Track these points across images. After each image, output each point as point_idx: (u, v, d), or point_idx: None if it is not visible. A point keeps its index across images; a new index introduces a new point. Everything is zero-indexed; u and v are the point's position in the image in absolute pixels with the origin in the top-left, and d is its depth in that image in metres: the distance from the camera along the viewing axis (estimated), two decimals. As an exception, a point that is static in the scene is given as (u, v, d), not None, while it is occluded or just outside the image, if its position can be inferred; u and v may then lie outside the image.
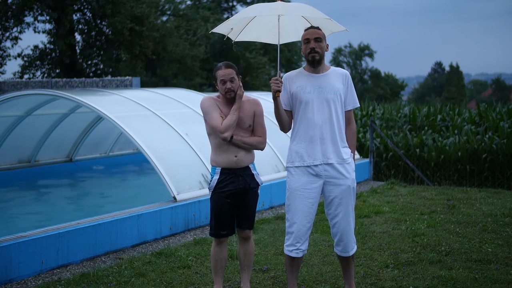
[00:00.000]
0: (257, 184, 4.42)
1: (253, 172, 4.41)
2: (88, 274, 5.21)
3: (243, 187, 4.32)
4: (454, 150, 11.32)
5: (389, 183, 10.16)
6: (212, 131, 4.27)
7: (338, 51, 61.43)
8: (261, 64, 37.44)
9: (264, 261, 5.55)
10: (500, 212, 7.49)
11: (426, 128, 13.23)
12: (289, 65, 45.58)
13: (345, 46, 61.49)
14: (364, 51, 60.21)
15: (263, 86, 37.08)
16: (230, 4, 46.08)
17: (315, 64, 4.16)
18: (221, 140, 4.23)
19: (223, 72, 4.25)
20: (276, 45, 4.36)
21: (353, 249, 4.30)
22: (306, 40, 4.15)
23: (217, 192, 4.32)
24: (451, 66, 63.44)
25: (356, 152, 11.09)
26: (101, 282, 5.02)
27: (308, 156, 4.13)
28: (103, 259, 5.85)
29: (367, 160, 11.03)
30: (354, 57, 60.28)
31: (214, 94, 4.52)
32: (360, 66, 60.38)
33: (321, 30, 4.20)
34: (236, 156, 4.27)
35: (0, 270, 5.07)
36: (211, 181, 4.34)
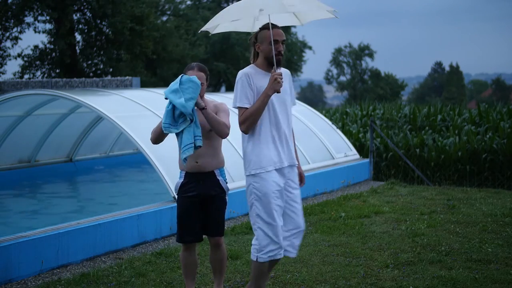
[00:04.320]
0: (222, 191, 4.30)
1: (219, 178, 4.29)
2: (88, 274, 5.21)
3: (204, 192, 4.21)
4: (454, 150, 11.33)
5: (389, 183, 10.16)
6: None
7: (338, 51, 61.42)
8: (261, 64, 37.44)
9: (264, 261, 5.54)
10: (500, 212, 7.49)
11: (426, 128, 13.24)
12: (289, 65, 45.53)
13: (345, 46, 61.53)
14: (364, 51, 60.19)
15: (263, 86, 37.07)
16: (230, 4, 46.13)
17: (278, 65, 4.05)
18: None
19: (193, 74, 4.18)
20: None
21: None
22: (275, 41, 4.03)
23: (181, 196, 4.27)
24: (451, 66, 63.48)
25: (356, 152, 11.13)
26: (101, 282, 5.02)
27: (278, 158, 4.05)
28: (103, 259, 5.85)
29: (367, 160, 11.03)
30: (354, 57, 60.26)
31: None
32: (360, 66, 60.36)
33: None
34: (197, 162, 4.19)
35: (0, 270, 5.07)
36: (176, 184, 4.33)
